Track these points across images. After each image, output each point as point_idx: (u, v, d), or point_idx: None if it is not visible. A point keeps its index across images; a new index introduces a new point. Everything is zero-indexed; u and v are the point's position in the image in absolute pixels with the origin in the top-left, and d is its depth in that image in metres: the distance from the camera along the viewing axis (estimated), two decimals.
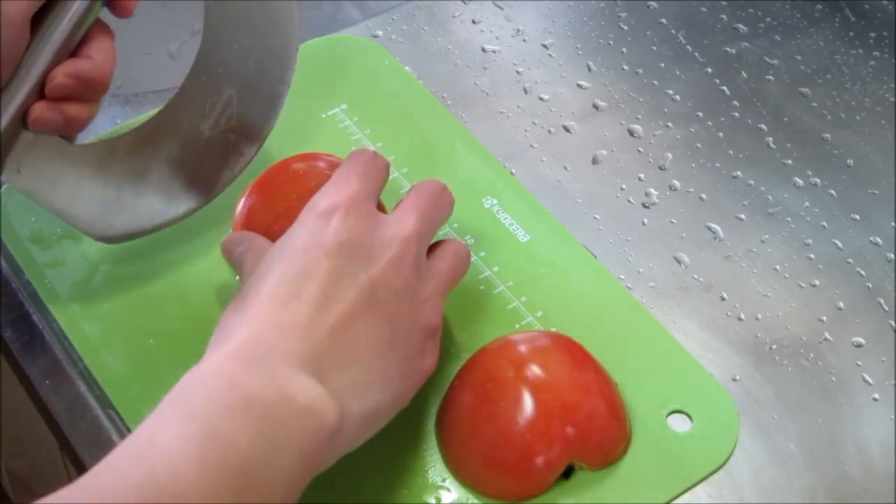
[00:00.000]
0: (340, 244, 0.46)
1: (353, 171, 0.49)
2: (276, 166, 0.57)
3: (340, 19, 0.75)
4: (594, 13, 0.73)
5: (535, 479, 0.49)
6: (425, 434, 0.51)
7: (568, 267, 0.58)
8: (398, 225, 0.48)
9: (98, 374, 0.54)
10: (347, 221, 0.46)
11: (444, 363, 0.54)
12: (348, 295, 0.45)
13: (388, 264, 0.46)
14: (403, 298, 0.47)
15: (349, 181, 0.48)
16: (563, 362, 0.50)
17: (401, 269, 0.47)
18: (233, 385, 0.40)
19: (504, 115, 0.67)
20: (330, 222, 0.46)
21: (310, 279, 0.44)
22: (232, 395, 0.40)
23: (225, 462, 0.38)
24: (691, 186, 0.63)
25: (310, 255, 0.45)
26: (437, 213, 0.51)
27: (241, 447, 0.39)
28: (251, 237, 0.51)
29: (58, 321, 0.56)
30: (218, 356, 0.42)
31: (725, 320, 0.57)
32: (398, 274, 0.47)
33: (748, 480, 0.51)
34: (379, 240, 0.47)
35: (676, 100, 0.68)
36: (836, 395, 0.54)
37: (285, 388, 0.41)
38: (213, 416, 0.39)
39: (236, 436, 0.39)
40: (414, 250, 0.48)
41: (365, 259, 0.46)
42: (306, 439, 0.41)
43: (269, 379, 0.41)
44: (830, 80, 0.69)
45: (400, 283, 0.47)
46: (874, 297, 0.58)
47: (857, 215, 0.62)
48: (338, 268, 0.45)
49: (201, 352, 0.54)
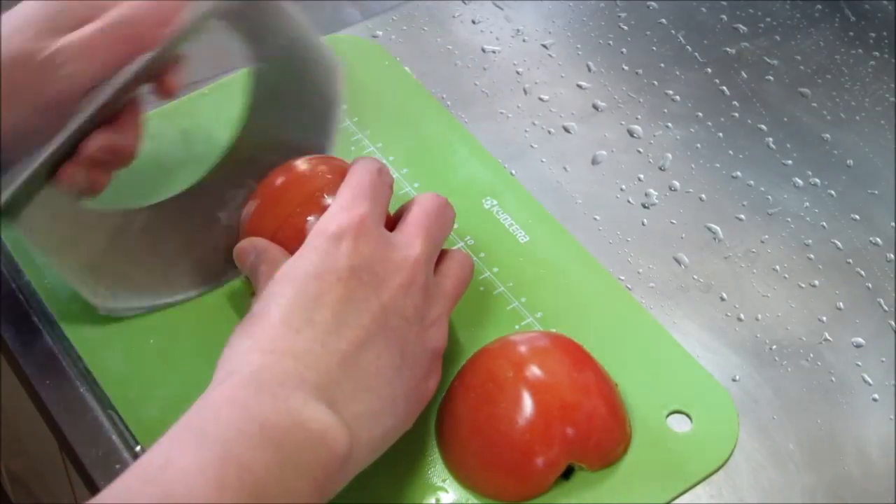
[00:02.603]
0: (352, 269, 0.46)
1: (361, 190, 0.49)
2: (279, 169, 0.57)
3: (340, 19, 0.75)
4: (594, 13, 0.73)
5: (535, 480, 0.49)
6: (425, 434, 0.51)
7: (568, 267, 0.58)
8: (406, 248, 0.48)
9: (98, 374, 0.54)
10: (358, 245, 0.47)
11: (444, 363, 0.54)
12: (361, 322, 0.45)
13: (399, 289, 0.47)
14: (413, 323, 0.47)
15: (358, 202, 0.49)
16: (563, 363, 0.50)
17: (411, 294, 0.47)
18: (248, 413, 0.41)
19: (504, 115, 0.67)
20: (340, 246, 0.46)
21: (322, 305, 0.45)
22: (247, 422, 0.41)
23: (242, 486, 0.39)
24: (691, 187, 0.63)
25: (322, 280, 0.45)
26: (442, 231, 0.51)
27: (258, 472, 0.39)
28: (264, 247, 0.51)
29: (58, 321, 0.56)
30: (232, 384, 0.42)
31: (725, 320, 0.57)
32: (408, 298, 0.47)
33: (748, 480, 0.51)
34: (390, 263, 0.47)
35: (676, 100, 0.68)
36: (836, 395, 0.54)
37: (299, 416, 0.41)
38: (230, 443, 0.40)
39: (253, 461, 0.39)
40: (423, 273, 0.48)
41: (376, 285, 0.46)
42: (319, 466, 0.41)
43: (283, 406, 0.41)
44: (830, 80, 0.69)
45: (410, 308, 0.47)
46: (874, 297, 0.58)
47: (857, 215, 0.62)
48: (350, 293, 0.45)
49: (201, 352, 0.54)
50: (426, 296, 0.48)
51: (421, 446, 0.51)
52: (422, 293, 0.48)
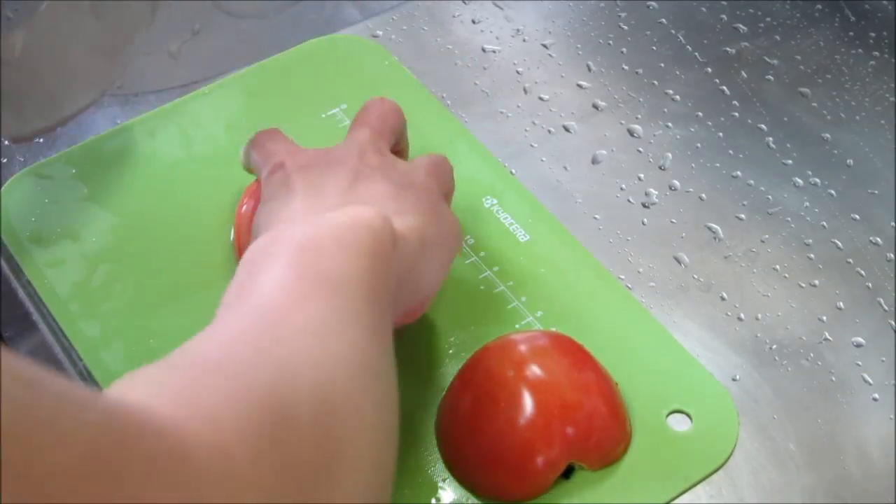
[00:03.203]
0: (333, 158, 0.52)
1: (363, 114, 0.56)
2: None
3: (340, 19, 0.75)
4: (594, 13, 0.73)
5: (535, 479, 0.49)
6: (425, 434, 0.51)
7: (568, 267, 0.58)
8: (354, 136, 0.54)
9: (98, 374, 0.54)
10: (352, 145, 0.53)
11: (444, 363, 0.54)
12: (339, 183, 0.50)
13: (358, 158, 0.52)
14: (386, 168, 0.52)
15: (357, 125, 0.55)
16: (563, 362, 0.50)
17: (366, 156, 0.52)
18: (293, 232, 0.44)
19: (504, 115, 0.67)
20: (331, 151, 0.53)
21: (337, 179, 0.50)
22: (298, 235, 0.44)
23: (314, 267, 0.42)
24: (691, 186, 0.63)
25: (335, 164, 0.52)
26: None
27: (324, 259, 0.42)
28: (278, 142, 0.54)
29: (58, 321, 0.56)
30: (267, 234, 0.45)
31: (725, 320, 0.57)
32: (367, 157, 0.52)
33: (748, 480, 0.51)
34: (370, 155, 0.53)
35: (676, 100, 0.68)
36: (836, 395, 0.54)
37: (343, 212, 0.46)
38: (291, 247, 0.43)
39: (314, 253, 0.42)
40: (371, 145, 0.53)
41: (338, 163, 0.52)
42: (369, 239, 0.44)
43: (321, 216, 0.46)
44: (830, 80, 0.69)
45: (374, 161, 0.52)
46: (874, 297, 0.58)
47: (857, 215, 0.62)
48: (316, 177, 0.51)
49: None
50: (384, 158, 0.53)
51: (421, 446, 0.51)
52: (377, 155, 0.53)
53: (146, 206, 0.61)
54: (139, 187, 0.61)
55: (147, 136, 0.64)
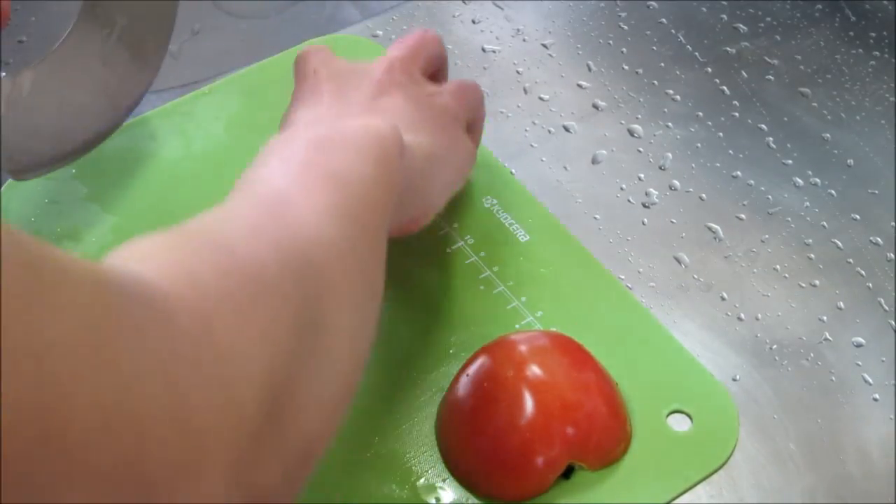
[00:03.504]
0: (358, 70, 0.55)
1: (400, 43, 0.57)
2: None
3: (340, 19, 0.75)
4: (594, 13, 0.73)
5: (535, 479, 0.49)
6: (425, 434, 0.51)
7: (568, 267, 0.58)
8: (389, 53, 0.56)
9: None
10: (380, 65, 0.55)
11: (444, 363, 0.54)
12: (363, 87, 0.53)
13: (385, 73, 0.54)
14: (409, 86, 0.54)
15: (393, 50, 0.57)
16: (563, 362, 0.50)
17: (394, 73, 0.54)
18: (309, 132, 0.46)
19: (504, 115, 0.67)
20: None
21: (360, 89, 0.53)
22: (312, 134, 0.46)
23: (323, 166, 0.43)
24: (691, 186, 0.63)
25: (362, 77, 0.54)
26: (420, 45, 0.57)
27: (333, 158, 0.44)
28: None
29: None
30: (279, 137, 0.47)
31: (725, 320, 0.57)
32: (394, 75, 0.54)
33: (748, 480, 0.51)
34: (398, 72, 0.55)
35: (676, 100, 0.68)
36: (836, 395, 0.54)
37: (354, 122, 0.48)
38: (305, 145, 0.45)
39: (325, 152, 0.44)
40: (400, 63, 0.55)
41: (366, 75, 0.54)
42: (377, 147, 0.46)
43: (339, 125, 0.48)
44: (830, 80, 0.69)
45: (400, 79, 0.54)
46: (874, 297, 0.58)
47: (857, 215, 0.62)
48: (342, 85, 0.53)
49: None
50: (412, 77, 0.55)
51: (421, 446, 0.51)
52: (405, 74, 0.55)
53: (146, 206, 0.61)
54: (139, 187, 0.61)
55: (147, 136, 0.64)
